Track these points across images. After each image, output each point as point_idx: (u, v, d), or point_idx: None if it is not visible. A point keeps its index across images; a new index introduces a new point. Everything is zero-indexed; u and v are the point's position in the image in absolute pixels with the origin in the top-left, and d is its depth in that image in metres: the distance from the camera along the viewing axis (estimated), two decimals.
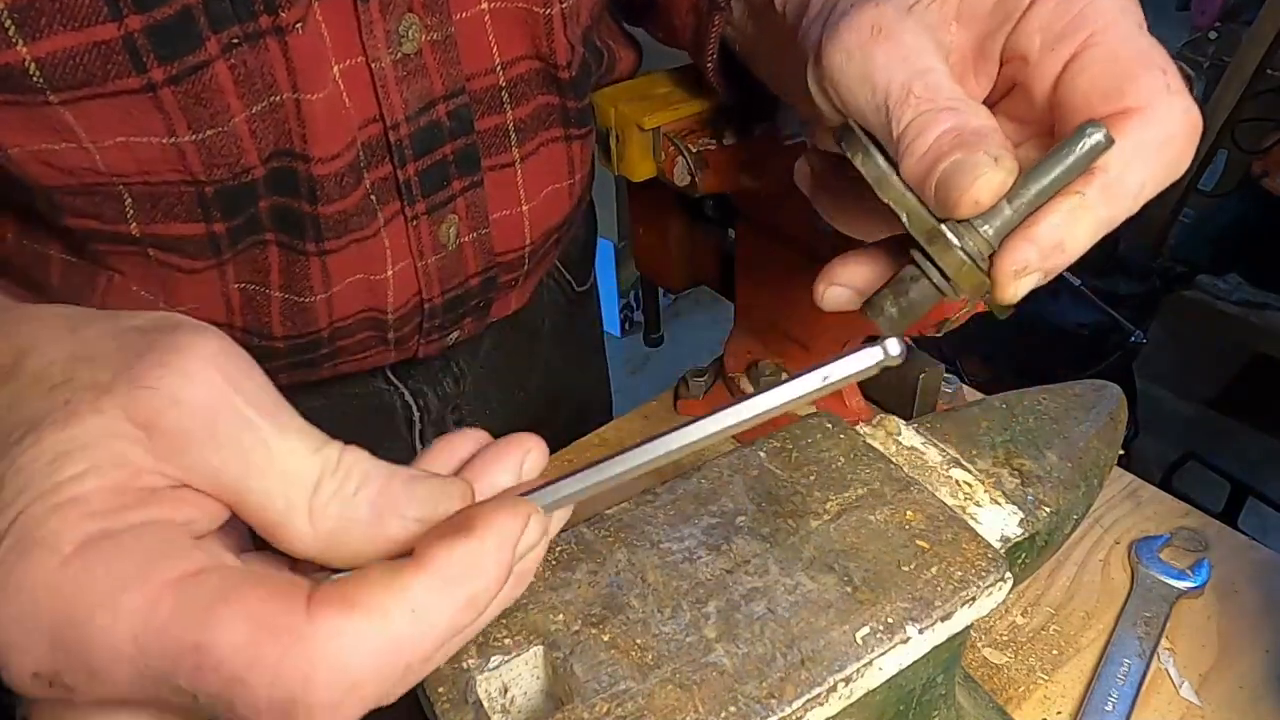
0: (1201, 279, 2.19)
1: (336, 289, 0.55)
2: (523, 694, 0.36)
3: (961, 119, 0.34)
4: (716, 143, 0.62)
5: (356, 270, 0.55)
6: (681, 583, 0.37)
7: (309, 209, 0.50)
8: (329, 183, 0.49)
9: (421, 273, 0.57)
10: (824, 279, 0.40)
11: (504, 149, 0.58)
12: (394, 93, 0.49)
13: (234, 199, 0.48)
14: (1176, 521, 0.64)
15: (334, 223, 0.51)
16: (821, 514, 0.40)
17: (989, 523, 0.42)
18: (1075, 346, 1.97)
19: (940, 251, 0.33)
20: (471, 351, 0.72)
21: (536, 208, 0.61)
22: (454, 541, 0.25)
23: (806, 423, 0.45)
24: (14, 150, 0.43)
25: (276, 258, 0.52)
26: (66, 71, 0.40)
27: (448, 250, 0.58)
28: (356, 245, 0.53)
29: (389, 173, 0.52)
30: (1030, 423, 0.47)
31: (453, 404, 0.73)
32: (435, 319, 0.61)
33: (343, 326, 0.57)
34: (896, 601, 0.36)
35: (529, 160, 0.59)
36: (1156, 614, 0.57)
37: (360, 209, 0.52)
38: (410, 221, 0.55)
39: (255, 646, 0.23)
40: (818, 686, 0.34)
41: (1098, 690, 0.53)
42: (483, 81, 0.54)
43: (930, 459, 0.45)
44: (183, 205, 0.47)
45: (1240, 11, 2.59)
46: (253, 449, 0.26)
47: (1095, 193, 0.33)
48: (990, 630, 0.57)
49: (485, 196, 0.58)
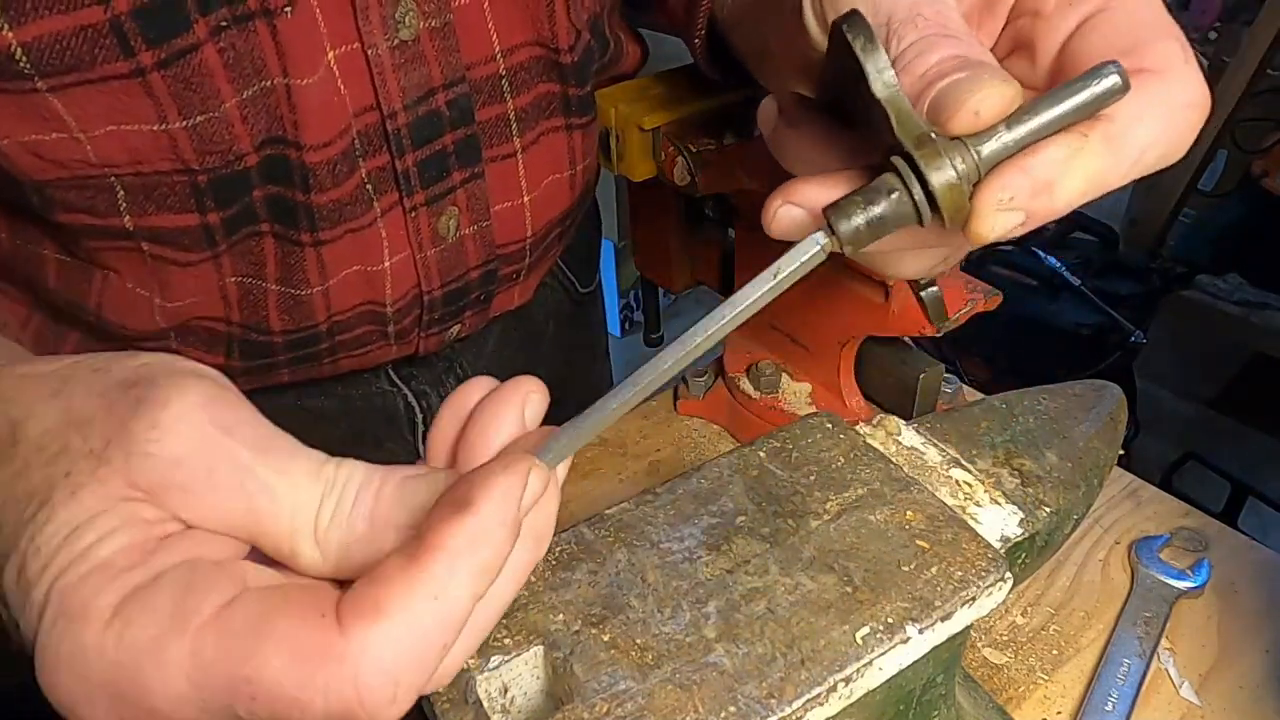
0: (1201, 279, 2.19)
1: (333, 281, 0.54)
2: (523, 694, 0.36)
3: (967, 48, 0.31)
4: (716, 143, 0.62)
5: (353, 262, 0.54)
6: (681, 583, 0.37)
7: (302, 198, 0.50)
8: (322, 170, 0.49)
9: (420, 265, 0.57)
10: (779, 195, 0.34)
11: (505, 139, 0.57)
12: (391, 81, 0.49)
13: (227, 188, 0.47)
14: (1176, 521, 0.64)
15: (328, 212, 0.51)
16: (821, 514, 0.40)
17: (989, 523, 0.42)
18: (1075, 346, 1.97)
19: (927, 159, 0.29)
20: (476, 352, 0.72)
21: (538, 198, 0.61)
22: (455, 519, 0.26)
23: (806, 423, 0.45)
24: (4, 142, 0.42)
25: (272, 249, 0.52)
26: (53, 56, 0.39)
27: (447, 242, 0.57)
28: (352, 236, 0.53)
29: (386, 163, 0.52)
30: (1030, 423, 0.47)
31: None
32: (435, 312, 0.61)
33: (341, 320, 0.57)
34: (896, 601, 0.36)
35: (530, 150, 0.58)
36: (1156, 614, 0.57)
37: (355, 199, 0.51)
38: (409, 213, 0.54)
39: (301, 671, 0.24)
40: (818, 686, 0.34)
41: (1098, 690, 0.53)
42: (483, 70, 0.53)
43: (930, 459, 0.45)
44: (175, 196, 0.47)
45: (1240, 11, 2.59)
46: (255, 494, 0.27)
47: (1098, 139, 0.30)
48: (990, 630, 0.57)
49: (486, 188, 0.57)
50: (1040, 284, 2.05)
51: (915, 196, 0.30)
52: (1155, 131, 0.31)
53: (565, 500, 0.76)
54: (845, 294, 0.62)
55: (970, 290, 0.61)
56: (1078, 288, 2.03)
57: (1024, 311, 1.99)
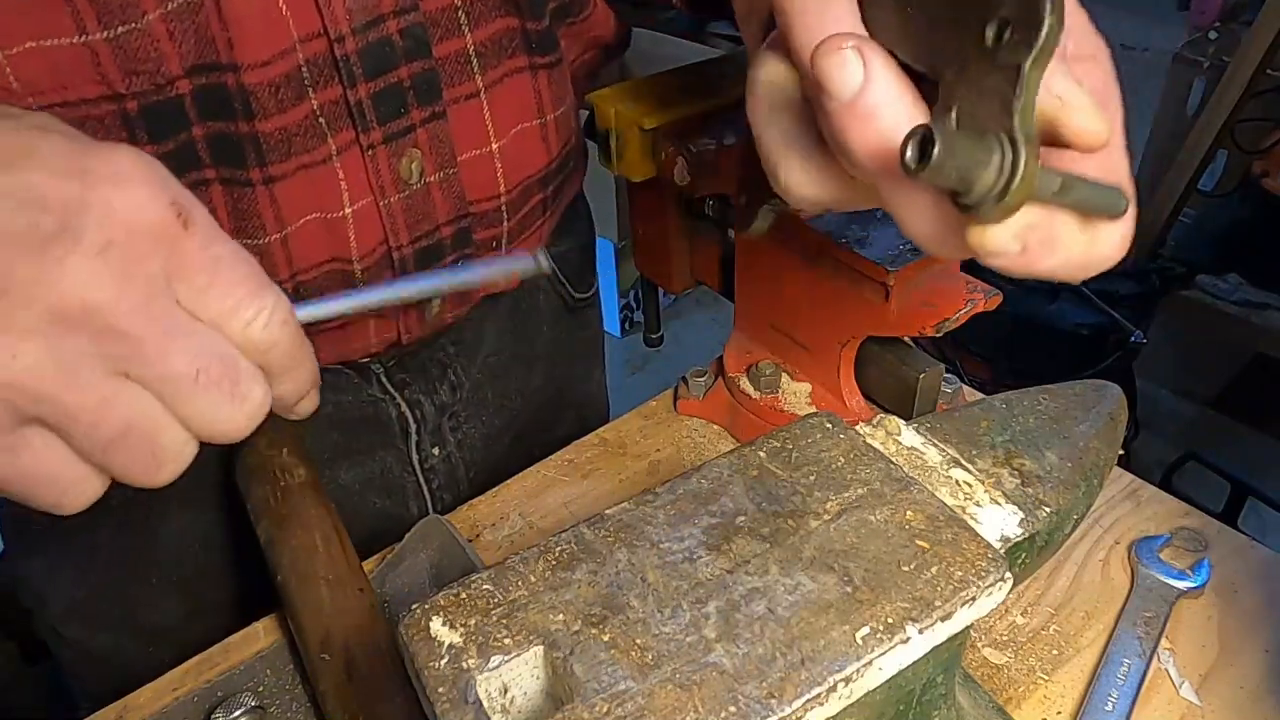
0: (1201, 279, 2.19)
1: (292, 228, 0.52)
2: (523, 694, 0.36)
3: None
4: (716, 143, 0.62)
5: (311, 206, 0.52)
6: (681, 583, 0.37)
7: (245, 127, 0.48)
8: (263, 93, 0.47)
9: (385, 213, 0.55)
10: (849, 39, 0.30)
11: (466, 77, 0.55)
12: (336, 1, 0.48)
13: (160, 119, 0.46)
14: (1176, 521, 0.64)
15: (276, 142, 0.49)
16: (821, 514, 0.40)
17: (989, 523, 0.42)
18: (1075, 346, 1.98)
19: (1031, 157, 0.29)
20: (469, 358, 0.72)
21: (507, 148, 0.59)
22: None
23: (806, 423, 0.45)
24: None
25: (221, 199, 0.50)
26: None
27: (412, 188, 0.55)
28: (306, 173, 0.51)
29: (339, 95, 0.50)
30: (1030, 423, 0.47)
31: (449, 411, 0.72)
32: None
33: (307, 280, 0.55)
34: (896, 601, 0.36)
35: (494, 91, 0.57)
36: (1156, 614, 0.57)
37: (305, 129, 0.50)
38: (366, 151, 0.53)
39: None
40: (818, 686, 0.34)
41: (1098, 690, 0.53)
42: (437, 1, 0.52)
43: (930, 459, 0.45)
44: (105, 129, 0.45)
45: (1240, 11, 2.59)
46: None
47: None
48: (990, 630, 0.57)
49: (449, 131, 0.55)
50: (1040, 284, 2.05)
51: (1004, 175, 0.29)
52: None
53: (565, 500, 0.77)
54: (845, 294, 0.62)
55: (970, 290, 0.61)
56: (1078, 288, 2.03)
57: (1024, 311, 2.00)
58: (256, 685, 0.55)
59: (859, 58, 0.30)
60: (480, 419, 0.75)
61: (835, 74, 0.30)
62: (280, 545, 0.57)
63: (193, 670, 0.58)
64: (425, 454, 0.72)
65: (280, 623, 0.59)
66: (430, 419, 0.71)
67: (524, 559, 0.38)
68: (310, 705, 0.54)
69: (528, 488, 0.70)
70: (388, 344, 0.63)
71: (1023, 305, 2.00)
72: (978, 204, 0.30)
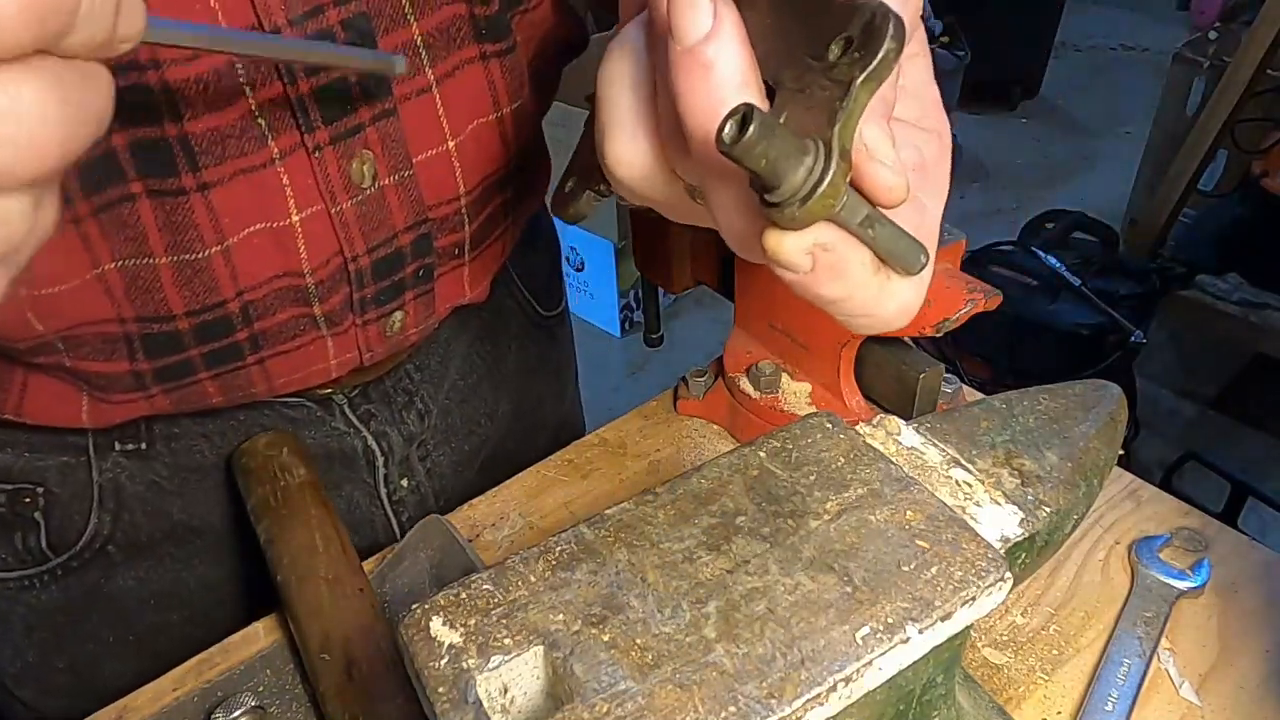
0: (1201, 279, 2.19)
1: (234, 240, 0.49)
2: (523, 694, 0.36)
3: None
4: None
5: (253, 216, 0.49)
6: (681, 583, 0.37)
7: (173, 129, 0.44)
8: (190, 90, 0.44)
9: (338, 221, 0.51)
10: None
11: (416, 70, 0.52)
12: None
13: None
14: (1176, 521, 0.64)
15: (208, 144, 0.45)
16: (821, 514, 0.40)
17: (989, 523, 0.42)
18: (1075, 346, 1.98)
19: (842, 171, 0.30)
20: (436, 384, 0.70)
21: (465, 145, 0.55)
22: None
23: (806, 422, 0.45)
24: None
25: (150, 213, 0.46)
26: None
27: (365, 193, 0.51)
28: (245, 178, 0.47)
29: (279, 93, 0.46)
30: (1030, 423, 0.47)
31: (418, 440, 0.70)
32: (366, 289, 0.55)
33: (255, 300, 0.51)
34: (896, 601, 0.36)
35: (446, 84, 0.53)
36: (1156, 614, 0.57)
37: (242, 130, 0.46)
38: (313, 154, 0.49)
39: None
40: (818, 686, 0.34)
41: (1098, 690, 0.53)
42: None
43: (930, 459, 0.45)
44: None
45: (1240, 11, 2.59)
46: None
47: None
48: (990, 630, 0.57)
49: (402, 129, 0.52)
50: (1040, 284, 2.06)
51: (812, 178, 0.29)
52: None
53: (565, 500, 0.77)
54: None
55: (970, 290, 0.61)
56: (1078, 288, 2.03)
57: (1024, 311, 2.00)
58: (256, 685, 0.55)
59: (711, 7, 0.30)
60: (449, 445, 0.73)
61: (685, 14, 0.30)
62: (280, 545, 0.57)
63: (193, 670, 0.58)
64: (394, 486, 0.70)
65: (280, 623, 0.59)
66: (398, 450, 0.69)
67: (524, 559, 0.38)
68: (310, 705, 0.54)
69: (528, 488, 0.70)
70: (349, 367, 0.60)
71: (1023, 305, 2.00)
72: (781, 202, 0.30)
